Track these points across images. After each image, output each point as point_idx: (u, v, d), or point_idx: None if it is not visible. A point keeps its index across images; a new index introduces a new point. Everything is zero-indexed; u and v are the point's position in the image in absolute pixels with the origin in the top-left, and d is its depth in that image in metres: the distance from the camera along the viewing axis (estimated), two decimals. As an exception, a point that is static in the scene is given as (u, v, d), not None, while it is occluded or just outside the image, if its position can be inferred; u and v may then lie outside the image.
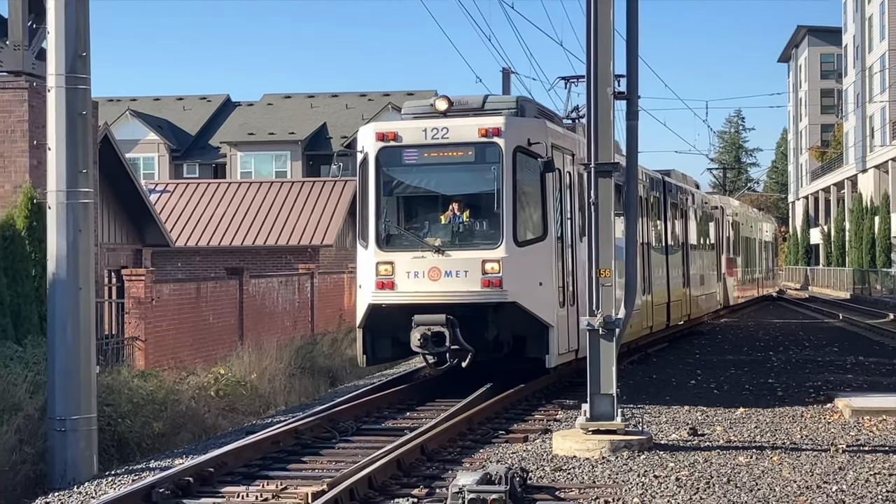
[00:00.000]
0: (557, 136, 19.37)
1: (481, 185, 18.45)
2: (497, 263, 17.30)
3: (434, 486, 12.15)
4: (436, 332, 17.11)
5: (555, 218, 18.45)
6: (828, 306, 54.69)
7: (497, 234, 17.81)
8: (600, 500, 11.46)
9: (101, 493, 12.38)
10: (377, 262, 18.11)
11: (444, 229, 18.41)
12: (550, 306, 17.85)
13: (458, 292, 17.50)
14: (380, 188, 18.49)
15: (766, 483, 12.22)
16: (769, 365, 25.55)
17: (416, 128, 18.37)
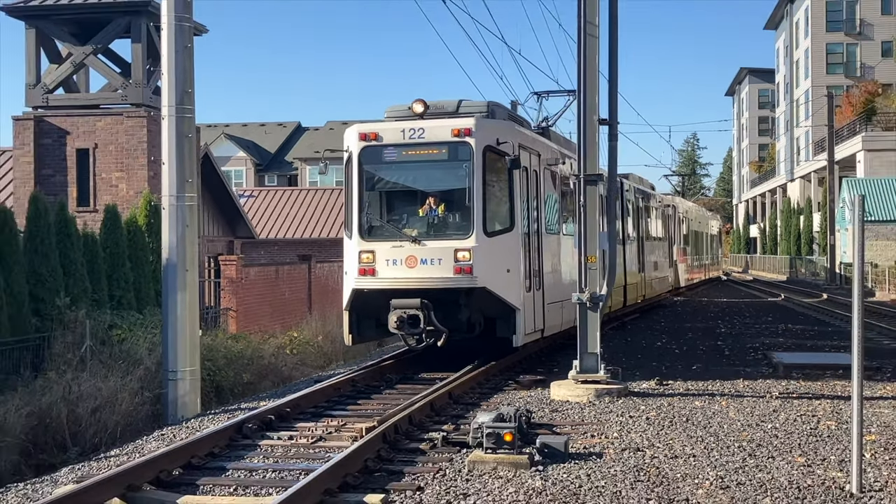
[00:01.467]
0: (525, 138, 17.32)
1: (454, 181, 16.17)
2: (468, 252, 15.28)
3: (459, 423, 12.18)
4: (411, 315, 15.12)
5: (521, 211, 16.36)
6: (767, 286, 53.90)
7: (468, 225, 15.62)
8: (587, 434, 11.49)
9: (204, 427, 12.45)
10: (360, 251, 15.97)
11: (421, 221, 16.24)
12: (517, 291, 15.83)
13: (433, 278, 15.46)
14: (362, 184, 16.36)
15: (717, 422, 12.24)
16: (718, 331, 25.51)
17: (395, 128, 16.19)
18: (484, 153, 15.56)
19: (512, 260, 15.88)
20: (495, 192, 16.05)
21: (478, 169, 15.48)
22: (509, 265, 15.77)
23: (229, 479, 9.70)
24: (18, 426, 13.95)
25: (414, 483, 9.27)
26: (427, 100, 16.24)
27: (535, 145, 17.91)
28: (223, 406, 15.70)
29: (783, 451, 10.46)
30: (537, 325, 16.88)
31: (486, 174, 15.57)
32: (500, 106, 17.49)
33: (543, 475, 9.47)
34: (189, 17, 15.44)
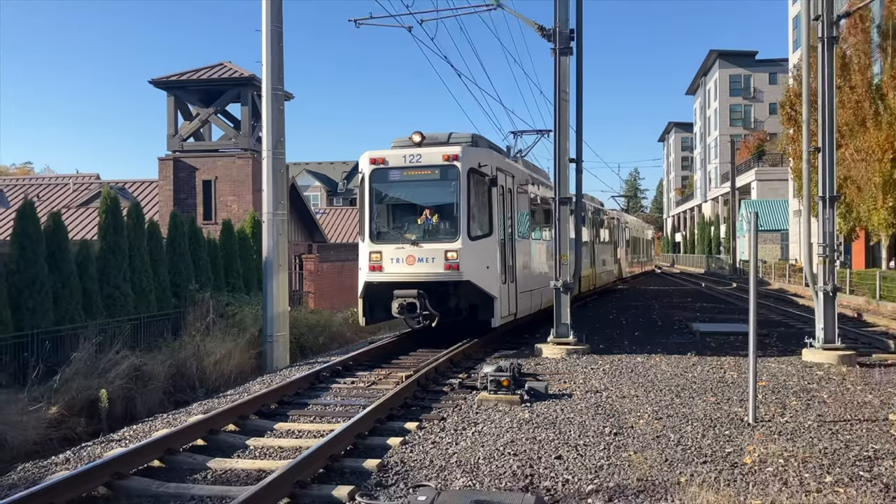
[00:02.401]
0: (501, 162, 15.83)
1: (445, 196, 14.67)
2: (456, 252, 14.05)
3: (470, 373, 12.18)
4: (409, 302, 13.96)
5: (498, 220, 15.00)
6: (690, 277, 53.20)
7: (456, 231, 14.28)
8: (561, 381, 11.46)
9: (292, 375, 12.48)
10: (370, 252, 14.59)
11: (419, 228, 14.75)
12: (495, 283, 14.54)
13: (428, 273, 14.15)
14: (372, 198, 14.93)
15: (653, 372, 12.19)
16: (652, 308, 25.36)
17: (398, 154, 14.82)
18: (469, 174, 14.29)
19: (491, 259, 14.56)
20: (478, 206, 14.69)
21: (463, 186, 14.22)
22: (489, 263, 14.49)
23: (310, 412, 9.75)
24: (163, 374, 14.05)
25: (439, 414, 9.29)
26: (425, 132, 15.36)
27: (510, 169, 16.53)
28: (305, 360, 15.74)
29: (700, 393, 10.42)
30: (511, 309, 15.56)
31: (470, 191, 14.32)
32: (482, 137, 16.13)
33: (530, 409, 9.47)
34: (281, 87, 15.50)
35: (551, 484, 6.60)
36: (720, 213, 78.03)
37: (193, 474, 7.22)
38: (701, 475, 6.72)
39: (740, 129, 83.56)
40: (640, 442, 7.86)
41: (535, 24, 15.06)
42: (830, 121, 13.52)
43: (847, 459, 7.21)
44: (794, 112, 30.83)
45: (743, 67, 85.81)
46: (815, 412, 9.20)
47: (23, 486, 6.86)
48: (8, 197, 32.10)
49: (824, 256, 13.49)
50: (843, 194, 26.54)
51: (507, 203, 15.82)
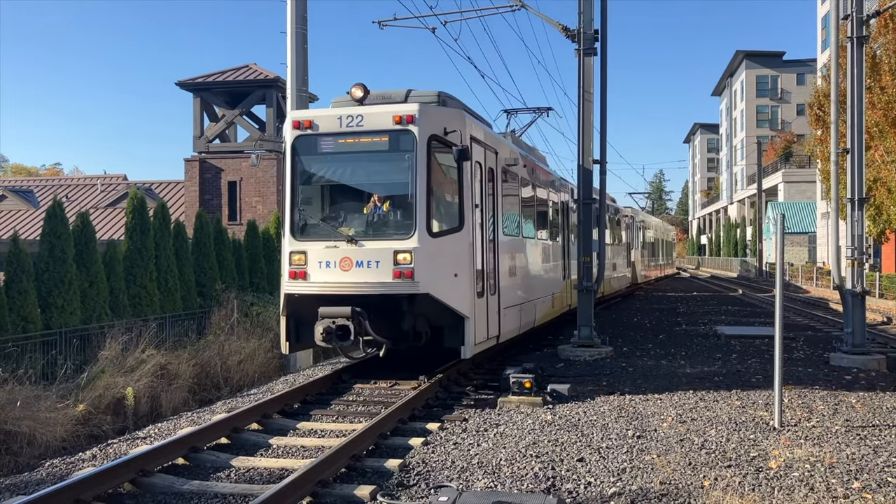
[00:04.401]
0: (479, 131, 11.74)
1: (395, 175, 10.88)
2: (409, 254, 10.23)
3: (494, 375, 12.16)
4: (340, 326, 10.12)
5: (472, 210, 11.02)
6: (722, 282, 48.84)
7: (410, 224, 10.43)
8: (586, 380, 11.41)
9: (314, 375, 12.53)
10: (290, 252, 10.78)
11: (359, 219, 10.94)
12: (466, 297, 10.62)
13: (369, 283, 10.30)
14: (296, 177, 11.08)
15: (677, 372, 12.09)
16: (677, 311, 25.17)
17: (332, 115, 10.90)
18: (429, 143, 10.49)
19: (460, 263, 10.64)
20: (442, 188, 10.95)
21: (421, 161, 10.41)
22: (457, 269, 10.60)
23: (332, 411, 9.78)
24: (187, 373, 14.18)
25: (461, 415, 9.28)
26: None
27: (493, 142, 12.49)
28: (328, 361, 15.81)
29: (724, 397, 10.31)
30: (492, 331, 11.73)
31: (430, 167, 10.50)
32: (453, 98, 12.07)
33: (552, 411, 9.44)
34: (305, 89, 15.57)
35: (573, 486, 6.57)
36: (746, 215, 77.27)
37: (217, 472, 7.28)
38: (725, 479, 6.65)
39: (767, 131, 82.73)
40: (663, 445, 7.80)
41: (559, 25, 15.01)
42: (860, 122, 13.32)
43: (875, 465, 7.09)
44: (822, 113, 30.42)
45: (770, 68, 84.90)
46: (842, 417, 9.07)
47: (50, 482, 6.96)
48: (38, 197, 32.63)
49: (853, 259, 13.30)
50: (872, 196, 26.15)
51: (488, 187, 11.99)
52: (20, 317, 13.90)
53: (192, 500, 6.45)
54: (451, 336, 10.81)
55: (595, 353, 14.03)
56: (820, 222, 50.41)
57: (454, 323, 10.66)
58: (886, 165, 26.60)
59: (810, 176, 56.49)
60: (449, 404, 10.03)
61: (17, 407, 10.49)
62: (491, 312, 11.76)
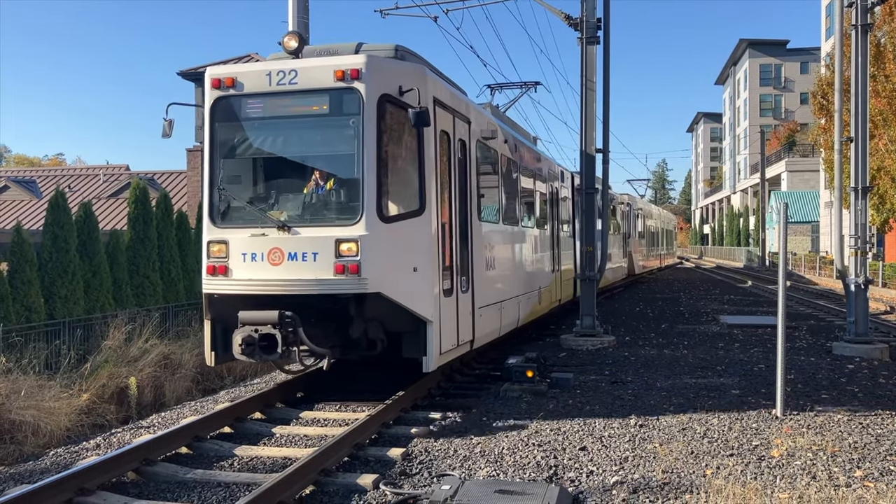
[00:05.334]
0: (445, 93, 9.59)
1: (337, 144, 8.79)
2: (354, 244, 8.21)
3: (497, 364, 12.16)
4: (265, 335, 8.14)
5: (437, 189, 8.93)
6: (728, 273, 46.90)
7: (356, 206, 8.36)
8: (588, 369, 11.42)
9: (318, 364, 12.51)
10: (209, 241, 8.73)
11: (294, 201, 8.86)
12: (428, 297, 8.62)
13: (303, 281, 8.27)
14: (216, 149, 8.95)
15: (679, 361, 12.10)
16: (680, 300, 25.16)
17: (259, 71, 8.73)
18: (380, 104, 8.39)
19: (421, 254, 8.65)
20: (398, 162, 8.82)
21: (370, 126, 8.32)
22: (417, 262, 8.61)
23: (337, 400, 9.80)
24: (191, 362, 14.22)
25: (464, 404, 9.29)
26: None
27: (465, 110, 10.44)
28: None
29: (726, 386, 10.31)
30: (463, 336, 9.72)
31: (382, 135, 8.42)
32: (414, 54, 9.96)
33: (555, 400, 9.45)
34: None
35: (575, 475, 6.58)
36: (749, 204, 77.14)
37: (220, 461, 7.30)
38: (727, 468, 6.66)
39: (770, 120, 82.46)
40: (665, 434, 7.80)
41: (562, 14, 14.94)
42: (864, 110, 13.26)
43: (878, 454, 7.09)
44: (826, 101, 30.30)
45: (773, 57, 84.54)
46: (845, 406, 9.06)
47: (55, 471, 6.99)
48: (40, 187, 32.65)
49: (856, 248, 13.27)
50: (876, 185, 26.07)
51: (458, 163, 9.93)
52: (24, 306, 13.93)
53: (196, 489, 6.47)
54: (411, 344, 8.75)
55: (598, 342, 14.03)
56: (823, 211, 50.31)
57: (414, 328, 8.64)
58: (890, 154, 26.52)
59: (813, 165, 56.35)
60: (452, 393, 10.04)
61: (22, 396, 10.52)
62: (462, 314, 9.70)
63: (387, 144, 8.52)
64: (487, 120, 11.64)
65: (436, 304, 8.77)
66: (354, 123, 8.42)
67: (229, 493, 6.35)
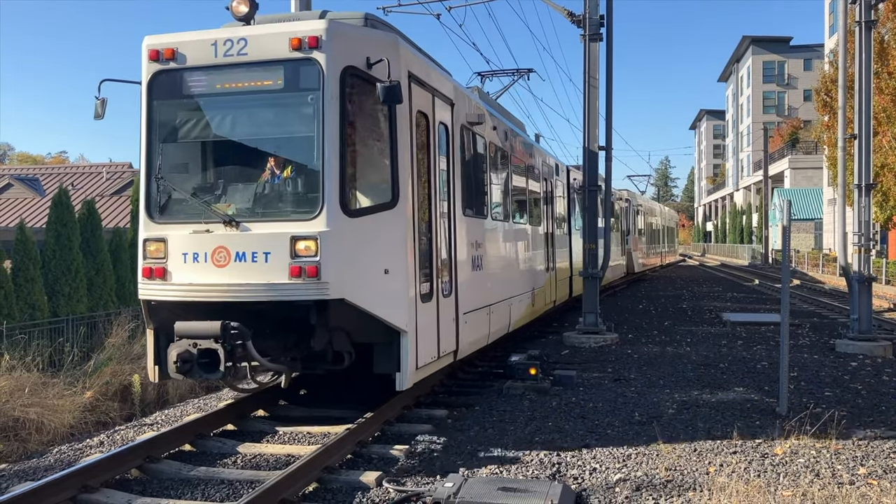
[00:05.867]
0: (422, 69, 8.37)
1: (294, 125, 7.67)
2: (313, 242, 7.09)
3: (500, 361, 12.15)
4: (205, 350, 7.07)
5: (412, 177, 7.83)
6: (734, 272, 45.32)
7: (316, 198, 7.24)
8: (591, 367, 11.41)
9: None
10: (145, 239, 7.63)
11: (245, 192, 7.67)
12: (402, 303, 7.54)
13: (252, 286, 7.15)
14: (154, 131, 7.81)
15: (682, 359, 12.09)
16: (682, 297, 25.15)
17: (204, 41, 7.52)
18: (343, 78, 7.24)
19: (393, 254, 7.55)
20: (365, 145, 7.72)
21: (332, 103, 7.17)
22: (388, 262, 7.51)
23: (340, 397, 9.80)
24: (194, 360, 14.20)
25: (467, 401, 9.29)
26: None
27: (447, 89, 9.16)
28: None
29: (730, 383, 10.30)
30: (445, 346, 8.62)
31: (346, 112, 7.27)
32: (386, 23, 8.76)
33: (558, 397, 9.44)
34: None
35: (578, 472, 6.58)
36: (752, 201, 77.02)
37: (223, 459, 7.31)
38: (731, 465, 6.65)
39: (773, 117, 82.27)
40: (669, 431, 7.80)
41: (565, 11, 14.92)
42: (867, 107, 13.23)
43: (881, 451, 7.08)
44: (829, 98, 30.22)
45: (777, 53, 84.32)
46: (848, 403, 9.05)
47: (58, 468, 7.00)
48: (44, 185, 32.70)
49: (860, 245, 13.24)
50: (879, 182, 26.01)
51: (438, 148, 8.70)
52: (27, 304, 13.96)
53: (199, 487, 6.48)
54: (383, 357, 7.67)
55: (600, 339, 14.03)
56: (826, 209, 50.22)
57: (386, 339, 7.55)
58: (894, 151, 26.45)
59: (817, 162, 56.22)
60: (455, 391, 10.04)
61: (26, 394, 10.55)
62: (444, 321, 8.59)
63: (352, 125, 7.41)
64: (474, 103, 10.50)
65: (411, 310, 7.64)
66: (313, 100, 7.25)
67: (233, 490, 6.36)
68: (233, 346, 7.08)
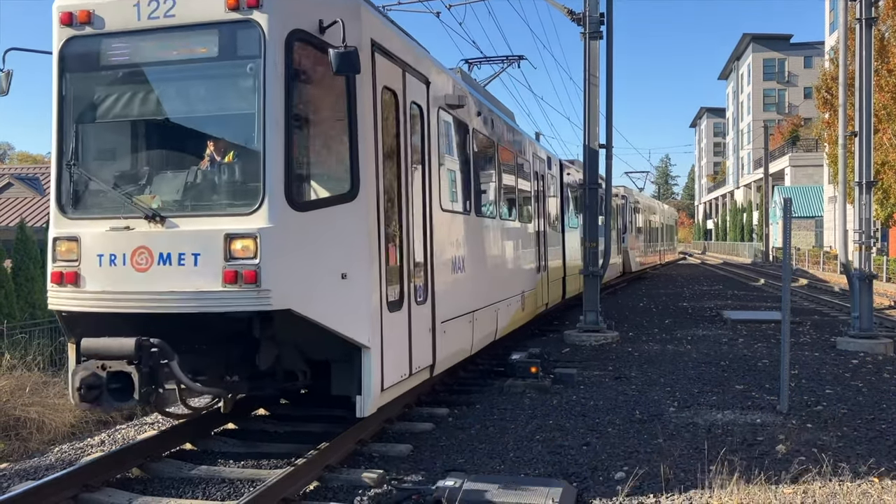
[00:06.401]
0: (390, 39, 7.20)
1: (230, 100, 6.38)
2: (252, 241, 5.79)
3: (501, 359, 12.15)
4: (115, 374, 5.78)
5: (381, 165, 6.71)
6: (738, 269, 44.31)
7: (255, 188, 5.93)
8: (592, 365, 11.41)
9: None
10: (55, 238, 6.32)
11: (173, 181, 6.35)
12: (363, 313, 6.40)
13: (178, 294, 5.85)
14: (66, 109, 6.47)
15: (683, 357, 12.08)
16: (683, 295, 25.15)
17: (125, 2, 6.13)
18: (289, 44, 6.08)
19: (352, 255, 6.42)
20: (318, 125, 6.61)
21: (274, 74, 5.98)
22: (346, 265, 6.36)
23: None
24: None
25: (468, 400, 9.29)
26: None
27: (422, 66, 7.99)
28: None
29: (731, 381, 10.30)
30: (418, 361, 7.55)
31: (293, 85, 6.10)
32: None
33: (559, 395, 9.44)
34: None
35: (579, 470, 6.58)
36: (753, 199, 77.01)
37: (224, 458, 7.30)
38: (732, 463, 6.65)
39: (774, 115, 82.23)
40: (670, 429, 7.79)
41: (565, 9, 14.91)
42: (868, 104, 13.22)
43: (883, 448, 7.08)
44: (829, 96, 30.22)
45: (777, 51, 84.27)
46: (850, 401, 9.05)
47: (59, 467, 7.01)
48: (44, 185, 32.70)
49: (860, 243, 13.23)
50: (880, 180, 26.00)
51: (412, 133, 7.62)
52: (28, 303, 13.97)
53: (200, 485, 6.47)
54: (342, 377, 6.63)
55: (601, 337, 14.03)
56: (827, 206, 50.22)
57: (345, 356, 6.46)
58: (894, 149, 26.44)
59: (817, 160, 56.21)
60: (456, 389, 10.04)
61: (26, 393, 10.54)
62: (418, 331, 7.51)
63: (301, 101, 6.22)
64: (454, 84, 9.30)
65: (375, 322, 6.50)
66: (253, 70, 5.99)
67: (234, 489, 6.36)
68: (153, 367, 5.87)
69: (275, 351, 6.42)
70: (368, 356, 6.40)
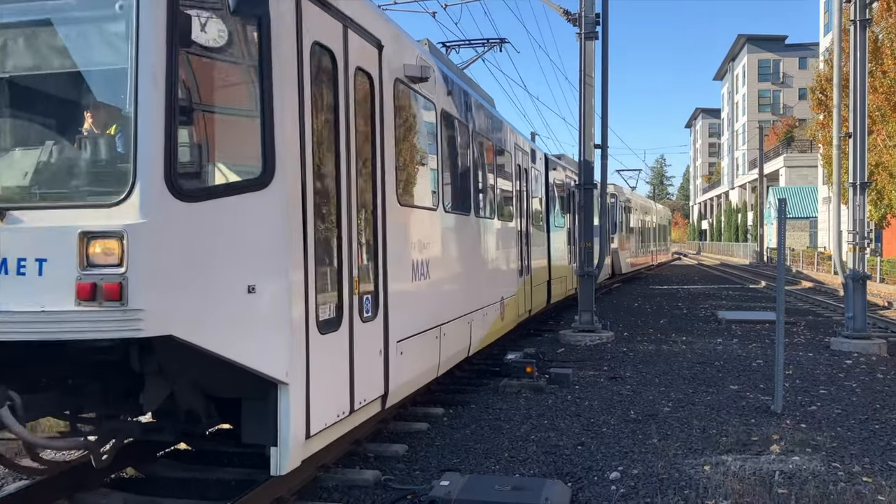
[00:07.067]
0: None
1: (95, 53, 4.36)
2: (116, 242, 3.87)
3: (497, 359, 12.15)
4: None
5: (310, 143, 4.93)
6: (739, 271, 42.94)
7: (124, 169, 4.03)
8: (587, 365, 11.42)
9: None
10: None
11: (19, 162, 4.33)
12: (280, 337, 4.64)
13: (14, 314, 3.96)
14: None
15: (677, 357, 12.11)
16: (678, 295, 25.19)
17: None
18: None
19: (263, 260, 4.67)
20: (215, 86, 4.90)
21: (151, 15, 4.17)
22: (255, 274, 4.60)
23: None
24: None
25: (463, 399, 9.29)
26: None
27: (373, 25, 6.37)
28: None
29: (725, 381, 10.32)
30: (364, 393, 6.01)
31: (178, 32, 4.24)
32: None
33: (554, 395, 9.45)
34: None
35: (574, 470, 6.59)
36: (748, 200, 77.22)
37: (219, 458, 7.29)
38: (726, 463, 6.66)
39: (769, 115, 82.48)
40: (664, 429, 7.81)
41: (561, 9, 14.93)
42: (862, 106, 13.26)
43: (877, 449, 7.10)
44: (824, 97, 30.31)
45: (772, 52, 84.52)
46: (843, 402, 9.08)
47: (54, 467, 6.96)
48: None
49: (854, 244, 13.28)
50: (874, 181, 26.08)
51: (359, 107, 6.04)
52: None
53: (195, 486, 6.46)
54: (253, 421, 5.09)
55: (596, 338, 14.05)
56: (821, 207, 50.37)
57: (259, 394, 4.92)
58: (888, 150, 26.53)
59: (812, 161, 56.34)
60: (451, 389, 10.04)
61: (20, 393, 10.49)
62: (363, 355, 5.97)
63: (191, 54, 4.59)
64: (417, 54, 7.62)
65: (297, 348, 4.92)
66: (124, 9, 4.30)
67: (228, 489, 6.34)
68: None
69: (164, 388, 4.86)
70: (286, 394, 4.79)
